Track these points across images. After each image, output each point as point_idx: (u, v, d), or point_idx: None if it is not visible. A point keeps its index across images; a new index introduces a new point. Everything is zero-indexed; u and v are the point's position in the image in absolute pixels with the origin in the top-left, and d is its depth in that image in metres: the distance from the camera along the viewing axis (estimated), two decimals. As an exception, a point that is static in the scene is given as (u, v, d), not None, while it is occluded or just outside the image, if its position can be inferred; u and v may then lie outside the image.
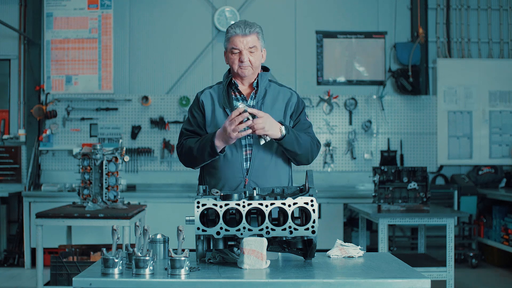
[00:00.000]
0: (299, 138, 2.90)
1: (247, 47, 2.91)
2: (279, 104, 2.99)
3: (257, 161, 2.90)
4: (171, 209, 6.67)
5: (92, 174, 5.04)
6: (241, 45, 2.90)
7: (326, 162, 7.56)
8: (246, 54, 2.91)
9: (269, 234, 2.38)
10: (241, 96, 3.00)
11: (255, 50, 2.93)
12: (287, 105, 3.00)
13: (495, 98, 7.67)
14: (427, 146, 7.67)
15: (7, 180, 7.44)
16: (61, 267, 4.97)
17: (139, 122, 7.52)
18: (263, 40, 2.98)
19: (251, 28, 2.91)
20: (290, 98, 3.02)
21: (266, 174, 2.91)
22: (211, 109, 2.98)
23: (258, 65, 2.99)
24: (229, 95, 2.99)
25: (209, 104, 2.99)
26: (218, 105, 2.97)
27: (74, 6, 7.48)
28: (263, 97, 2.98)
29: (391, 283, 2.20)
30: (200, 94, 3.05)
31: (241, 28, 2.90)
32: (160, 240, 2.60)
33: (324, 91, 7.59)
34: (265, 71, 3.06)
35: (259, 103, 2.96)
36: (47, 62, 7.46)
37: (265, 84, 3.01)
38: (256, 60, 2.95)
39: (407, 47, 7.57)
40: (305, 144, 2.93)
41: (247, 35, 2.90)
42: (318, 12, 7.71)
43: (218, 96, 3.00)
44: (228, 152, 2.90)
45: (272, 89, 3.02)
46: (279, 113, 2.97)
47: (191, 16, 7.64)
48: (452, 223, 5.13)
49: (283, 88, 3.06)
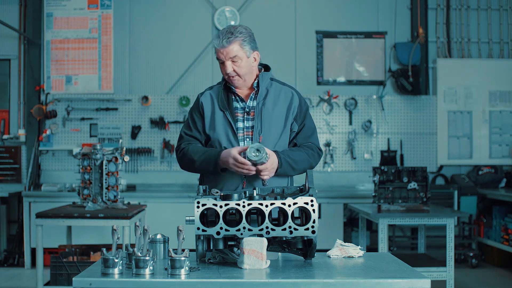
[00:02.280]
0: (293, 164, 2.87)
1: (228, 57, 2.84)
2: (280, 106, 2.95)
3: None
4: (171, 209, 6.67)
5: (92, 174, 5.04)
6: (222, 56, 2.84)
7: (326, 162, 7.56)
8: (229, 65, 2.85)
9: (269, 234, 2.38)
10: (239, 98, 2.97)
11: (238, 59, 2.84)
12: (289, 108, 2.95)
13: (495, 98, 7.67)
14: (427, 146, 7.67)
15: (7, 180, 7.44)
16: (61, 267, 4.97)
17: (139, 122, 7.52)
18: (249, 44, 2.88)
19: (230, 37, 2.81)
20: (292, 100, 2.97)
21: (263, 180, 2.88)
22: (210, 111, 2.96)
23: (247, 72, 2.91)
24: (228, 97, 2.96)
25: (208, 106, 2.97)
26: (217, 108, 2.94)
27: (74, 6, 7.48)
28: (264, 98, 2.94)
29: (391, 283, 2.20)
30: (201, 95, 3.02)
31: (220, 39, 2.82)
32: (160, 240, 2.60)
33: (324, 91, 7.59)
34: (266, 70, 3.02)
35: (259, 104, 2.93)
36: (47, 62, 7.46)
37: (267, 83, 2.97)
38: (242, 68, 2.87)
39: (407, 47, 7.57)
40: (300, 165, 2.90)
41: (226, 47, 2.82)
42: (318, 12, 7.71)
43: (217, 97, 2.97)
44: None
45: (274, 88, 2.98)
46: (280, 117, 2.94)
47: (191, 16, 7.64)
48: (452, 223, 5.13)
49: (285, 87, 3.02)
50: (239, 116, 2.94)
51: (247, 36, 2.87)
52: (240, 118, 2.94)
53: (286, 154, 2.86)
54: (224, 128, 2.91)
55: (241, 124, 2.93)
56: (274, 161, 2.79)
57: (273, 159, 2.78)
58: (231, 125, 2.90)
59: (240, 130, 2.92)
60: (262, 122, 2.90)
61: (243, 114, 2.94)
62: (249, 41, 2.87)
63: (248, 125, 2.93)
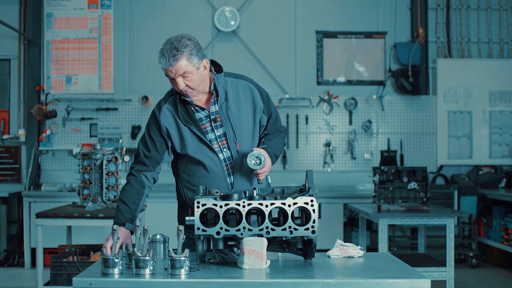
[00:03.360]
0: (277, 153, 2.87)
1: (178, 75, 2.69)
2: (243, 104, 2.85)
3: (240, 173, 2.82)
4: (171, 209, 6.65)
5: (92, 174, 5.04)
6: (171, 74, 2.71)
7: (326, 162, 7.56)
8: (180, 81, 2.71)
9: (269, 234, 2.38)
10: (199, 107, 2.83)
11: (188, 74, 2.71)
12: (254, 104, 2.86)
13: (495, 98, 7.67)
14: (427, 146, 7.67)
15: (7, 180, 7.44)
16: (61, 267, 4.97)
17: (139, 122, 7.52)
18: (197, 56, 2.70)
19: (176, 54, 2.65)
20: (252, 93, 2.87)
21: (250, 183, 2.86)
22: (176, 130, 2.82)
23: (200, 83, 2.77)
24: (187, 110, 2.82)
25: (172, 125, 2.82)
26: (181, 123, 2.80)
27: (74, 6, 7.48)
28: (226, 99, 2.83)
29: (391, 283, 2.20)
30: (159, 114, 2.85)
31: (166, 59, 2.66)
32: (160, 240, 2.60)
33: (324, 91, 7.59)
34: (219, 72, 2.87)
35: (223, 108, 2.82)
36: (47, 62, 7.46)
37: (223, 84, 2.85)
38: (194, 82, 2.73)
39: (407, 47, 7.57)
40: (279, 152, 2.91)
41: (173, 65, 2.66)
42: (318, 12, 7.71)
43: (176, 112, 2.82)
44: (209, 170, 2.79)
45: (230, 85, 2.86)
46: (248, 116, 2.85)
47: (191, 16, 7.64)
48: (452, 223, 5.13)
49: (240, 80, 2.90)
50: (207, 127, 2.82)
51: (193, 48, 2.69)
52: (208, 129, 2.82)
53: (271, 147, 2.84)
54: (196, 145, 2.79)
55: (212, 135, 2.81)
56: (269, 162, 2.77)
57: (268, 161, 2.76)
58: (203, 140, 2.78)
59: (214, 142, 2.80)
60: (233, 128, 2.81)
61: (210, 123, 2.82)
62: (196, 53, 2.70)
63: (219, 133, 2.82)
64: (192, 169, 2.85)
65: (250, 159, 2.71)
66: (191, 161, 2.83)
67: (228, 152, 2.82)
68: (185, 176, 2.89)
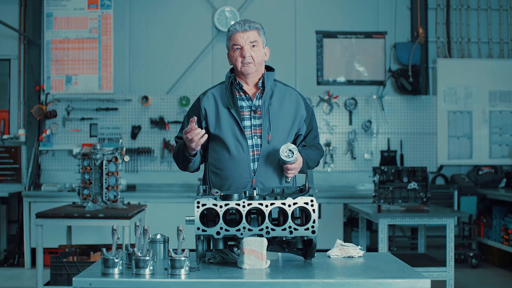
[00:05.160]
0: (309, 162, 2.96)
1: (248, 42, 2.91)
2: (286, 106, 2.98)
3: (264, 161, 2.90)
4: (171, 209, 6.67)
5: (92, 174, 5.04)
6: (241, 40, 2.90)
7: (326, 162, 7.56)
8: (247, 49, 2.91)
9: (269, 234, 2.38)
10: (246, 96, 2.98)
11: (257, 45, 2.93)
12: (296, 110, 2.99)
13: (495, 98, 7.67)
14: (427, 146, 7.67)
15: (7, 180, 7.44)
16: (61, 267, 4.97)
17: (139, 122, 7.52)
18: (264, 37, 2.98)
19: (251, 24, 2.93)
20: (298, 102, 3.01)
21: (273, 175, 2.91)
22: (214, 111, 2.96)
23: (261, 62, 2.97)
24: (233, 95, 2.97)
25: (212, 106, 2.97)
26: (222, 106, 2.95)
27: (74, 6, 7.48)
28: (270, 98, 2.97)
29: (391, 283, 2.20)
30: (203, 96, 3.03)
31: (241, 25, 2.92)
32: (160, 240, 2.60)
33: (324, 91, 7.59)
34: (270, 71, 3.04)
35: (266, 104, 2.95)
36: (47, 62, 7.46)
37: (271, 84, 2.99)
38: (258, 56, 2.94)
39: (407, 47, 7.57)
40: (312, 164, 3.01)
41: (247, 31, 2.91)
42: (318, 12, 7.71)
43: (221, 96, 2.98)
44: (235, 153, 2.89)
45: (278, 89, 3.01)
46: (287, 117, 2.96)
47: (191, 16, 7.64)
48: (452, 223, 5.13)
49: (289, 88, 3.05)
50: (245, 114, 2.95)
51: (262, 29, 2.99)
52: (246, 116, 2.95)
53: (304, 153, 2.94)
54: (231, 126, 2.92)
55: (248, 122, 2.94)
56: (301, 162, 2.87)
57: (300, 159, 2.86)
58: (238, 123, 2.91)
59: (248, 128, 2.92)
60: (270, 121, 2.92)
61: (249, 112, 2.95)
62: (264, 34, 2.99)
63: (256, 123, 2.93)
64: (219, 151, 2.95)
65: (283, 150, 2.77)
66: (219, 143, 2.95)
67: (258, 140, 2.92)
68: (212, 160, 2.99)
